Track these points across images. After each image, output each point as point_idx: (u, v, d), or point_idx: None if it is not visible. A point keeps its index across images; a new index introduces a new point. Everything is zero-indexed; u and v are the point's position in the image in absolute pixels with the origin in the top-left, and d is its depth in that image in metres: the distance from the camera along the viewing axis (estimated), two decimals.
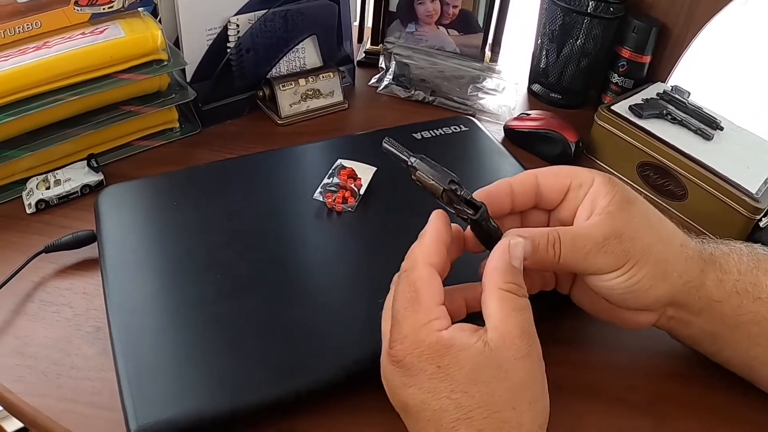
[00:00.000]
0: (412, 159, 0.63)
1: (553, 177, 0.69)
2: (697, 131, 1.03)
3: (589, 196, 0.66)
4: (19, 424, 1.74)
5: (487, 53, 1.33)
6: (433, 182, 0.62)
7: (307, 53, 1.17)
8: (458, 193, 0.62)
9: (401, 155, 0.64)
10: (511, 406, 0.54)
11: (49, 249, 0.82)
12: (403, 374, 0.57)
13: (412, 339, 0.57)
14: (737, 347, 0.69)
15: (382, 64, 1.28)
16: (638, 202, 0.65)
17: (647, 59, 1.19)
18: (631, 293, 0.64)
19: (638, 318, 0.68)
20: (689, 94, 1.11)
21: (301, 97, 1.14)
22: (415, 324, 0.57)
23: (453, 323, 0.58)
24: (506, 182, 0.68)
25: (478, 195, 0.66)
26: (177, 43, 1.06)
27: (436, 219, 0.63)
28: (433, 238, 0.61)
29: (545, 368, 0.58)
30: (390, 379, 0.59)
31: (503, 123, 1.16)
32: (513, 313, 0.57)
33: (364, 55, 1.34)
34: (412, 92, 1.23)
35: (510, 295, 0.58)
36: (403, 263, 0.62)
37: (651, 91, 1.12)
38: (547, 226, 0.70)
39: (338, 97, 1.18)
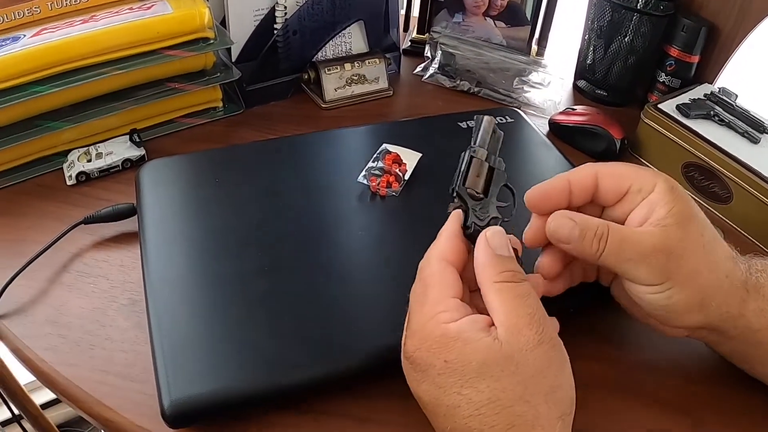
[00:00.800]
0: (468, 149, 0.64)
1: (612, 179, 0.65)
2: (744, 134, 1.01)
3: (647, 202, 0.63)
4: (50, 396, 1.76)
5: (534, 47, 1.32)
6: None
7: (353, 38, 1.16)
8: (451, 201, 0.63)
9: (472, 137, 0.64)
10: (524, 400, 0.53)
11: (89, 220, 0.82)
12: (415, 370, 0.57)
13: (420, 334, 0.56)
14: None
15: (427, 53, 1.27)
16: (697, 219, 0.63)
17: (695, 59, 1.17)
18: (664, 311, 0.63)
19: (670, 331, 0.67)
20: (737, 96, 1.09)
21: (346, 82, 1.13)
22: (422, 318, 0.57)
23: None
24: (564, 180, 0.66)
25: (534, 190, 0.65)
26: (224, 22, 1.06)
27: (454, 217, 0.62)
28: (448, 236, 0.61)
29: (582, 362, 0.57)
30: (407, 375, 0.59)
31: (548, 117, 1.15)
32: (515, 301, 0.56)
33: (410, 43, 1.34)
34: (458, 82, 1.22)
35: (506, 285, 0.57)
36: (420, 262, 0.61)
37: (698, 92, 1.10)
38: None
39: (383, 83, 1.17)
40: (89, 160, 0.92)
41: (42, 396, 1.68)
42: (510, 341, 0.54)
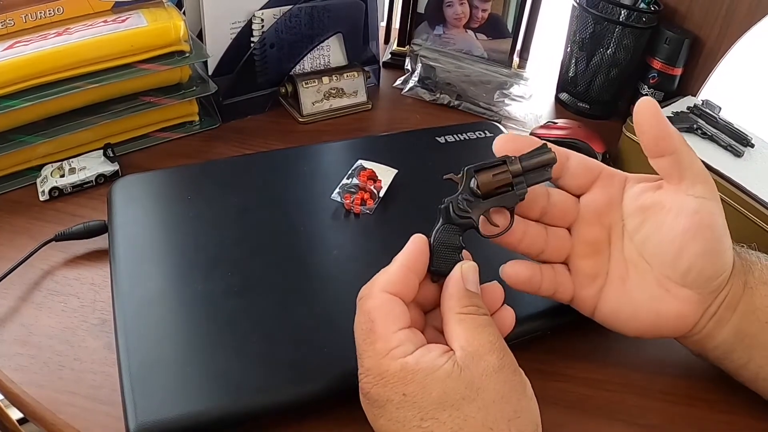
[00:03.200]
0: (505, 164, 0.63)
1: (583, 159, 0.68)
2: (727, 147, 1.01)
3: (638, 184, 0.67)
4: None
5: (515, 59, 1.31)
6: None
7: (332, 51, 1.15)
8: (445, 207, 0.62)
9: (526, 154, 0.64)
10: (487, 427, 0.52)
11: (60, 237, 0.81)
12: (372, 405, 0.56)
13: (375, 371, 0.55)
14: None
15: (408, 65, 1.26)
16: None
17: (678, 71, 1.16)
18: (697, 221, 0.64)
19: (681, 307, 0.65)
20: (720, 109, 1.09)
21: (324, 96, 1.12)
22: (375, 356, 0.55)
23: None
24: (539, 142, 0.65)
25: (508, 134, 0.66)
26: (200, 35, 1.05)
27: (411, 245, 0.60)
28: (400, 265, 0.59)
29: (562, 384, 0.56)
30: (366, 412, 0.58)
31: (529, 131, 1.14)
32: (478, 329, 0.55)
33: (390, 56, 1.33)
34: (438, 96, 1.21)
35: (470, 317, 0.56)
36: (361, 290, 0.60)
37: (681, 105, 1.10)
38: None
39: (362, 97, 1.16)
40: (62, 176, 0.90)
41: (18, 412, 1.65)
42: (470, 366, 0.53)
